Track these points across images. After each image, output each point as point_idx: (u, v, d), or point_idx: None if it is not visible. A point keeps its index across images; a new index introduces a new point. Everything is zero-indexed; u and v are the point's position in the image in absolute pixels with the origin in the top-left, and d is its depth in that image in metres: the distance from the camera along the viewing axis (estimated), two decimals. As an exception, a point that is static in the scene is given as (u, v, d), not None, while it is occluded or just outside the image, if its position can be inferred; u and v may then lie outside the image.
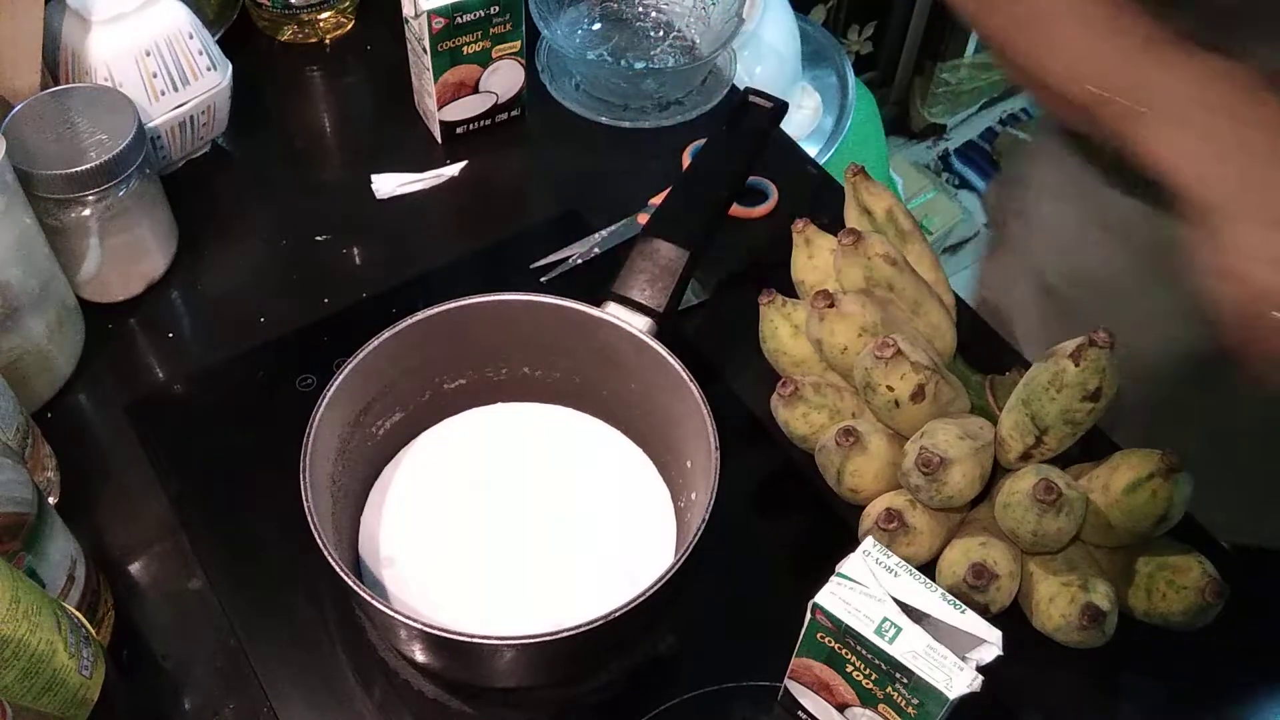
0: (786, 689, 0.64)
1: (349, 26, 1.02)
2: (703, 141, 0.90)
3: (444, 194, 0.91)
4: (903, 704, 0.57)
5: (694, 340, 0.79)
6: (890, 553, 0.58)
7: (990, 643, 0.55)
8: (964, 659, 0.54)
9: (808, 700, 0.63)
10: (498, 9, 0.86)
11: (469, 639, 0.57)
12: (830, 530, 0.72)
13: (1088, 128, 0.66)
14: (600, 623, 0.56)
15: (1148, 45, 0.60)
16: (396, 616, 0.57)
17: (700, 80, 0.99)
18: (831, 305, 0.67)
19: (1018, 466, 0.66)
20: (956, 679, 0.54)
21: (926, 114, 2.15)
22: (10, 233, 0.69)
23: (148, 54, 0.80)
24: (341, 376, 0.65)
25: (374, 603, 0.57)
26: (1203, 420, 0.79)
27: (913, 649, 0.54)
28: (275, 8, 0.97)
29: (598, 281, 0.72)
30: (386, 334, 0.66)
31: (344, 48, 1.01)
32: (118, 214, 0.76)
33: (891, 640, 0.55)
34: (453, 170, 0.92)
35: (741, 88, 0.88)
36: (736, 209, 0.88)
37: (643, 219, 0.87)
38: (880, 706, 0.58)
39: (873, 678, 0.57)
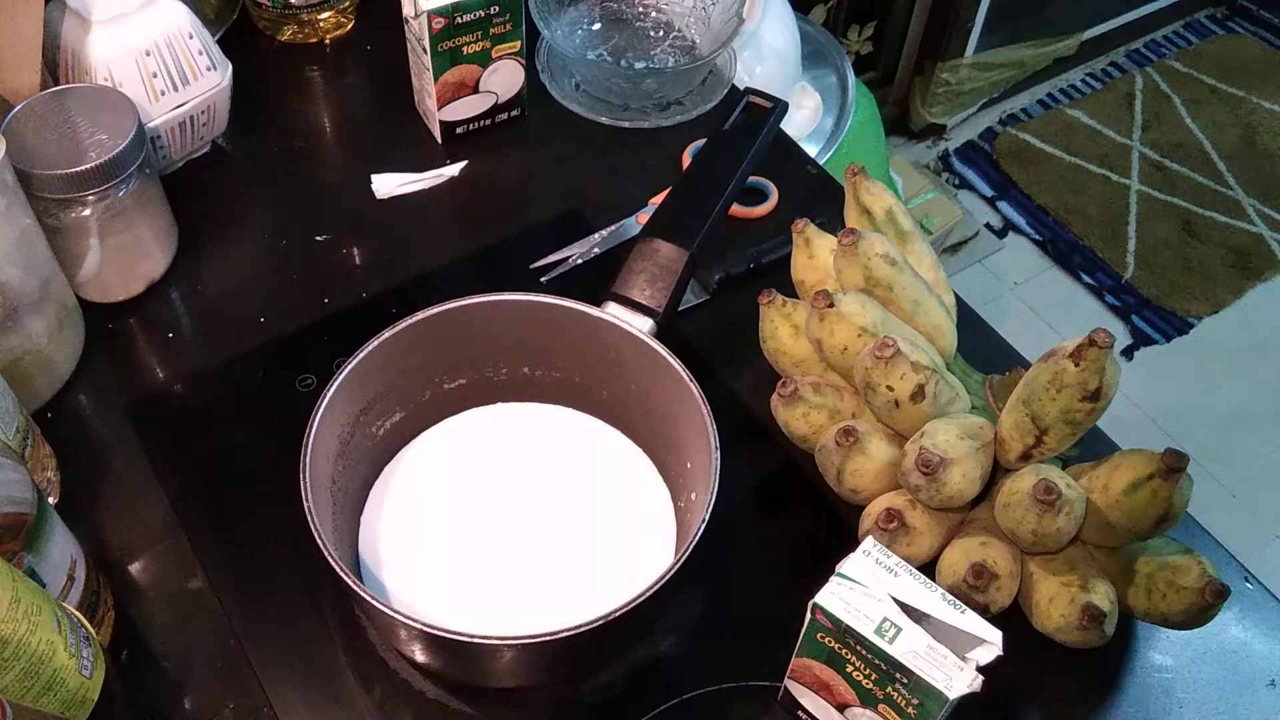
0: (786, 689, 0.64)
1: (349, 26, 1.02)
2: (703, 141, 0.90)
3: (444, 194, 0.91)
4: (903, 704, 0.57)
5: (694, 340, 0.80)
6: (890, 553, 0.58)
7: (990, 643, 0.55)
8: (964, 659, 0.54)
9: (808, 700, 0.63)
10: (498, 9, 0.86)
11: (469, 639, 0.57)
12: (830, 530, 0.72)
13: None
14: (600, 623, 0.56)
15: None
16: (396, 616, 0.57)
17: (700, 80, 0.99)
18: (831, 305, 0.67)
19: (1018, 466, 0.66)
20: (956, 679, 0.54)
21: (926, 114, 2.15)
22: (10, 233, 0.69)
23: (148, 54, 0.80)
24: (341, 376, 0.65)
25: (374, 603, 0.57)
26: None
27: (913, 649, 0.54)
28: (275, 8, 0.97)
29: (598, 281, 0.72)
30: (386, 334, 0.66)
31: (344, 48, 1.01)
32: (118, 214, 0.76)
33: (891, 640, 0.55)
34: (453, 170, 0.92)
35: (741, 88, 0.88)
36: (736, 209, 0.88)
37: (643, 219, 0.87)
38: (880, 706, 0.58)
39: (873, 678, 0.57)
